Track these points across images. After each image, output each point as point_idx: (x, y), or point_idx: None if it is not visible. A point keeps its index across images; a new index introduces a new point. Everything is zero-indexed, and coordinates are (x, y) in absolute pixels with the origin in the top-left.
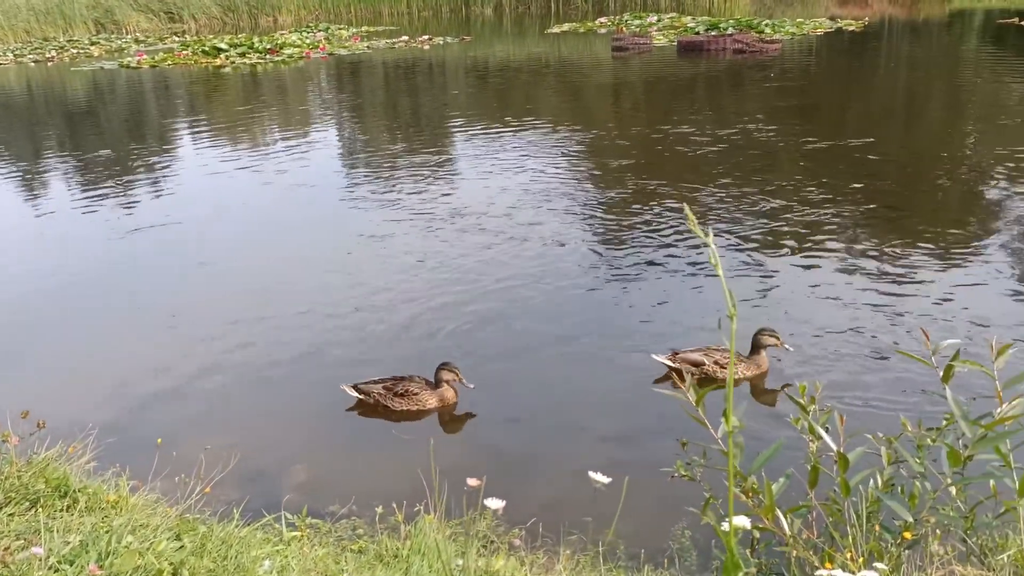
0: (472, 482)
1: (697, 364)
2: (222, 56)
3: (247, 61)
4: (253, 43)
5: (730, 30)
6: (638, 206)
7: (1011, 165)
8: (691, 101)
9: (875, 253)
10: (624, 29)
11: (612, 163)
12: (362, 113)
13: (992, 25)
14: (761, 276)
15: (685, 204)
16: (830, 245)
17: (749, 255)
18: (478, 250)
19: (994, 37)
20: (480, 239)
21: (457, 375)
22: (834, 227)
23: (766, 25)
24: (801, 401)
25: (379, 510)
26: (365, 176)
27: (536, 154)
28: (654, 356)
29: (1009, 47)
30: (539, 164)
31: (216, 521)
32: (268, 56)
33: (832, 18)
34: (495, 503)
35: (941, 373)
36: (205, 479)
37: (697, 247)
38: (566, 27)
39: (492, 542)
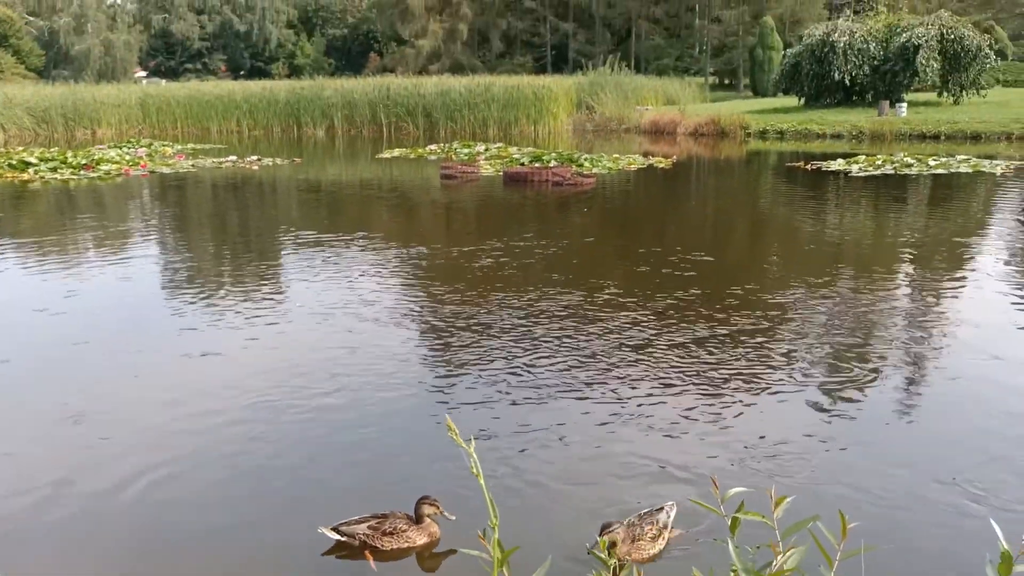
0: None
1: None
2: (31, 171)
3: (58, 176)
4: (66, 158)
5: (553, 163)
6: (466, 318)
7: (813, 283)
8: (515, 226)
9: (694, 376)
10: (453, 156)
11: (442, 279)
12: (186, 231)
13: (783, 166)
14: (577, 396)
15: (447, 416)
16: (645, 366)
17: (575, 372)
18: (304, 366)
19: (786, 176)
20: (306, 356)
21: (438, 508)
22: (646, 349)
23: (585, 159)
24: (602, 556)
25: None
26: (188, 293)
27: (367, 269)
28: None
29: (799, 185)
30: (370, 279)
31: None
32: (83, 172)
33: (645, 154)
34: None
35: (728, 523)
36: None
37: (524, 367)
38: (397, 152)
39: None
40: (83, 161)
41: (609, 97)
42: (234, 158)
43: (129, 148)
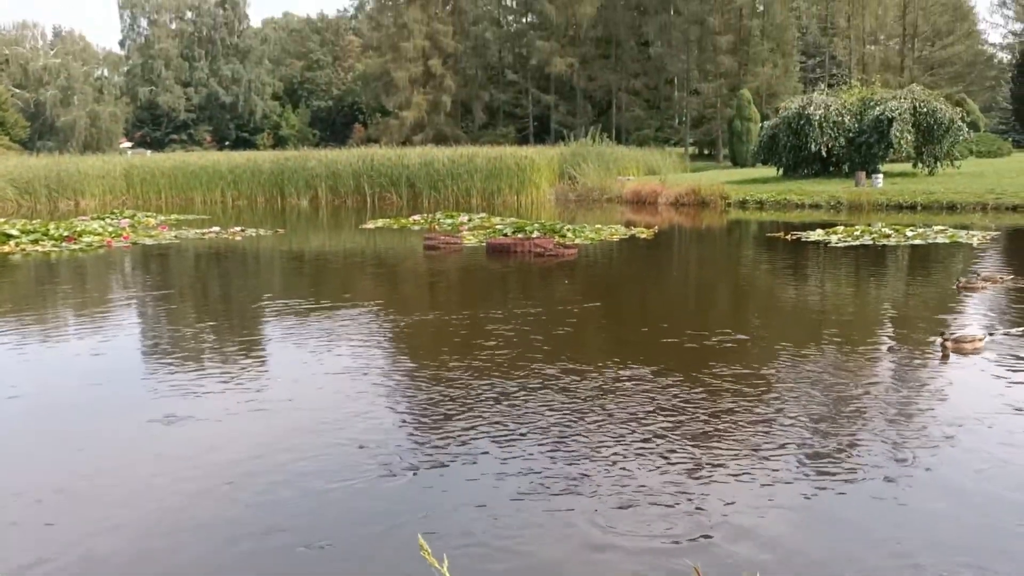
0: None
1: None
2: (11, 243)
3: (40, 249)
4: (48, 229)
5: (535, 233)
6: (452, 391)
7: (793, 350)
8: (497, 296)
9: (677, 455)
10: (437, 227)
11: (425, 350)
12: (166, 303)
13: (764, 236)
14: (567, 478)
15: (420, 537)
16: (626, 442)
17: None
18: (286, 439)
19: (767, 247)
20: (288, 427)
21: None
22: (628, 423)
23: (568, 230)
24: None
25: None
26: (167, 366)
27: (349, 341)
28: None
29: (779, 254)
30: (353, 350)
31: None
32: (64, 244)
33: (627, 224)
34: None
35: None
36: None
37: (513, 439)
38: (381, 223)
39: None
40: (65, 233)
41: (591, 167)
42: (217, 229)
43: (112, 219)
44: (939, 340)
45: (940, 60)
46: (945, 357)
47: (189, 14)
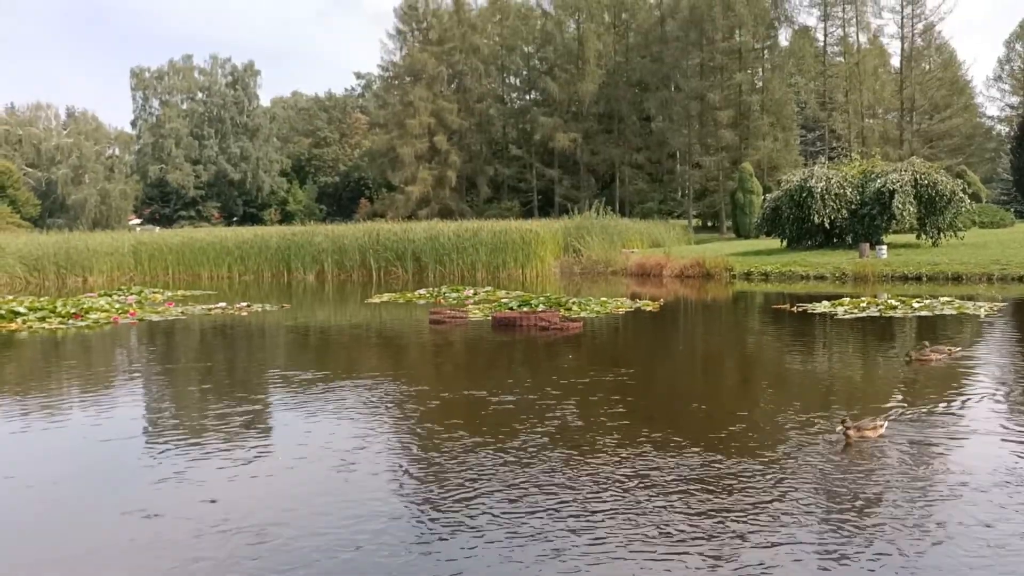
0: None
1: None
2: (19, 320)
3: (47, 326)
4: (56, 307)
5: (541, 307)
6: (457, 464)
7: (803, 423)
8: (504, 370)
9: (687, 547)
10: (442, 301)
11: (429, 426)
12: (170, 380)
13: (770, 308)
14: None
15: None
16: (634, 526)
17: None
18: (287, 510)
19: (772, 317)
20: (290, 499)
21: None
22: (652, 499)
23: (573, 303)
24: None
25: None
26: (173, 435)
27: (353, 417)
28: None
29: (785, 325)
30: (357, 426)
31: None
32: (71, 321)
33: (632, 297)
34: None
35: None
36: None
37: (518, 513)
38: (386, 297)
39: None
40: (72, 310)
41: (595, 240)
42: (224, 304)
43: (119, 295)
44: (840, 428)
45: (939, 133)
46: (848, 445)
47: (200, 94)
